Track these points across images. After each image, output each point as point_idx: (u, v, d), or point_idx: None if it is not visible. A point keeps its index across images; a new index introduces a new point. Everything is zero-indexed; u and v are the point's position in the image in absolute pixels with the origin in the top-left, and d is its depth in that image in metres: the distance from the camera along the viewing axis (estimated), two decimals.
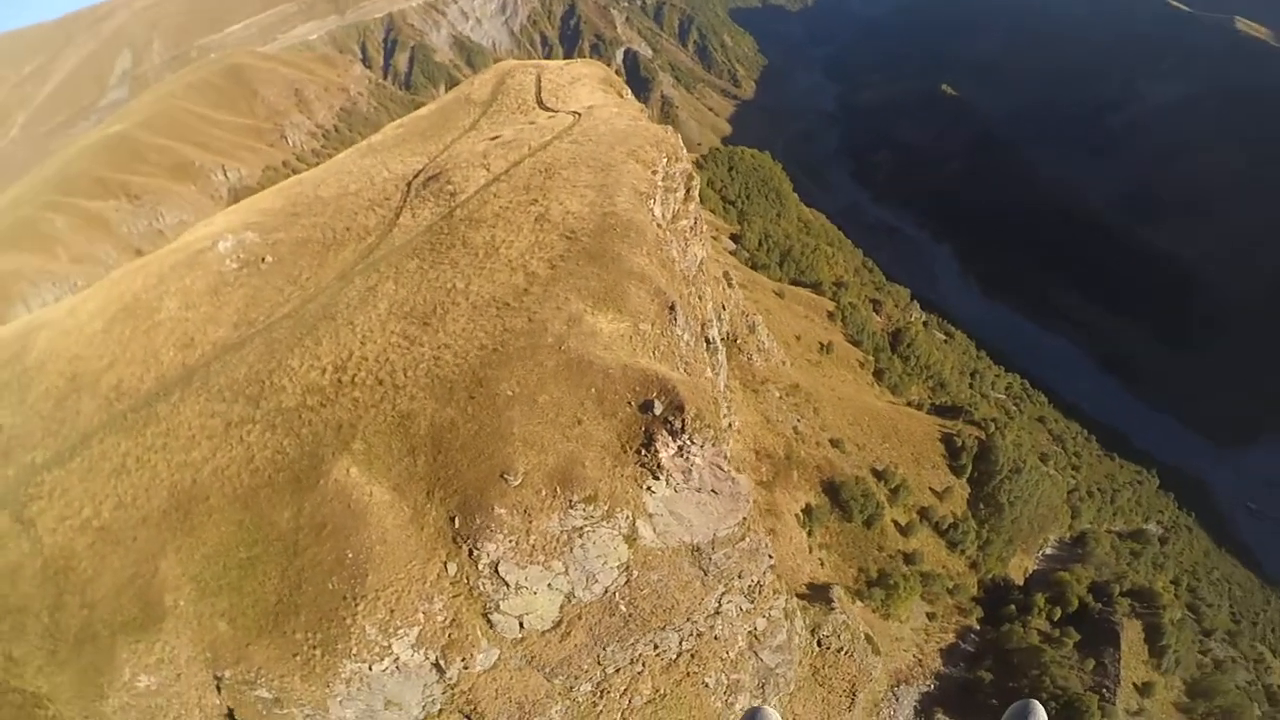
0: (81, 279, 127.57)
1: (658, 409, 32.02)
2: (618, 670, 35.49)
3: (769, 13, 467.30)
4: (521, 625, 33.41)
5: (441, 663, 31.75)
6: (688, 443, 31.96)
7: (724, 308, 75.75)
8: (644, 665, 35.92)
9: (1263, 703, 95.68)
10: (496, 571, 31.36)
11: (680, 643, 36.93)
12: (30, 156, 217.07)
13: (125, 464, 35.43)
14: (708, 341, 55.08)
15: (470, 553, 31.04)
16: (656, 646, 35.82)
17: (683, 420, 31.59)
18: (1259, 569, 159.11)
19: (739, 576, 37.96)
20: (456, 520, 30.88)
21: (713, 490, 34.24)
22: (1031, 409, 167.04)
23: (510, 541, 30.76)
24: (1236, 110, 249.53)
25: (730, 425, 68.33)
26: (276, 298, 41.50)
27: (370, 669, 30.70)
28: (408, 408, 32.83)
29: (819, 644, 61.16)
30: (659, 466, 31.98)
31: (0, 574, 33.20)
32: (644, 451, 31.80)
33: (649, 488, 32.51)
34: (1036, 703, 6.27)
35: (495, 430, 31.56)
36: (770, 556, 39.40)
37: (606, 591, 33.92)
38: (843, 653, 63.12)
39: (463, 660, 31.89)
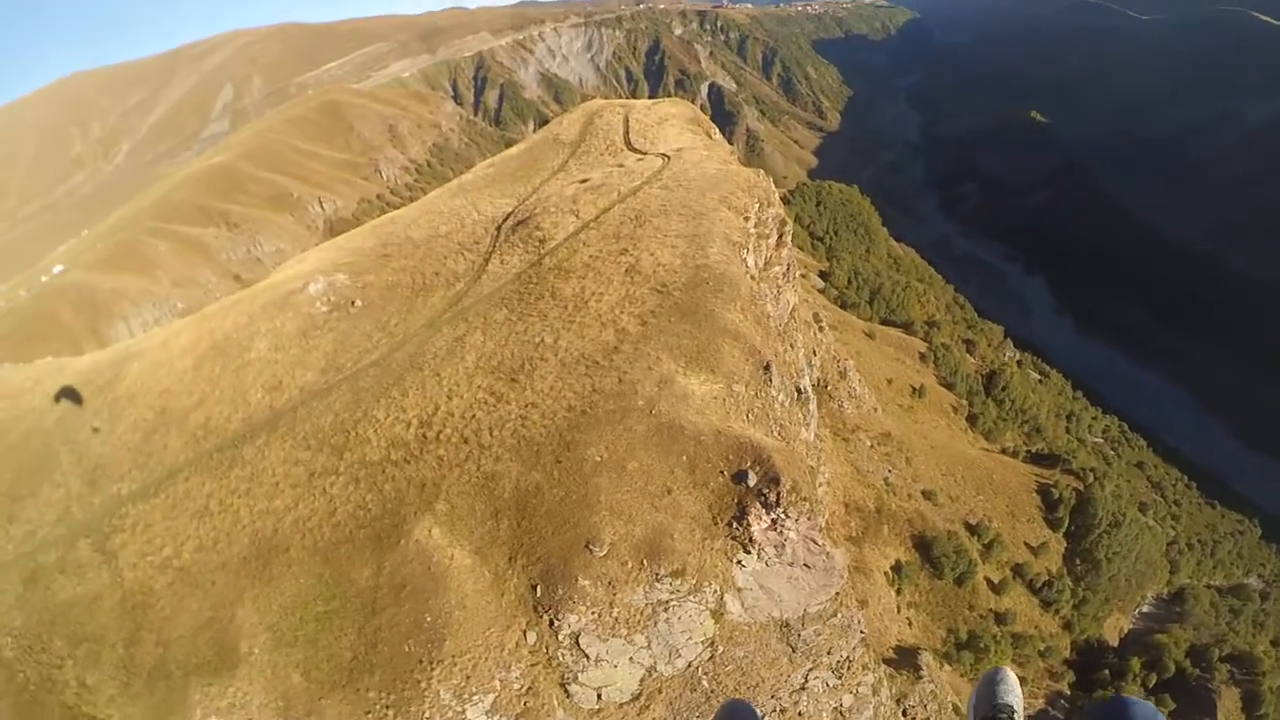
0: (181, 301, 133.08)
1: (752, 480, 30.30)
2: None
3: (852, 43, 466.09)
4: (599, 697, 31.94)
5: None
6: (782, 516, 30.14)
7: (815, 353, 73.56)
8: None
9: None
10: (577, 643, 30.00)
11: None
12: (134, 183, 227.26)
13: (208, 506, 35.43)
14: (799, 391, 53.02)
15: (551, 623, 29.75)
16: None
17: (778, 493, 29.82)
18: None
19: (828, 653, 35.74)
20: (538, 589, 29.66)
21: (805, 564, 32.28)
22: (1130, 453, 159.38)
23: (593, 614, 29.37)
24: None
25: (822, 481, 66.05)
26: (365, 343, 41.41)
27: None
28: (492, 469, 31.89)
29: (904, 713, 58.35)
30: (751, 540, 30.21)
31: (79, 602, 33.41)
32: (735, 525, 30.08)
33: (739, 561, 30.75)
34: (1007, 669, 6.18)
35: (581, 497, 30.34)
36: (862, 631, 37.05)
37: (689, 666, 32.17)
38: None
39: None
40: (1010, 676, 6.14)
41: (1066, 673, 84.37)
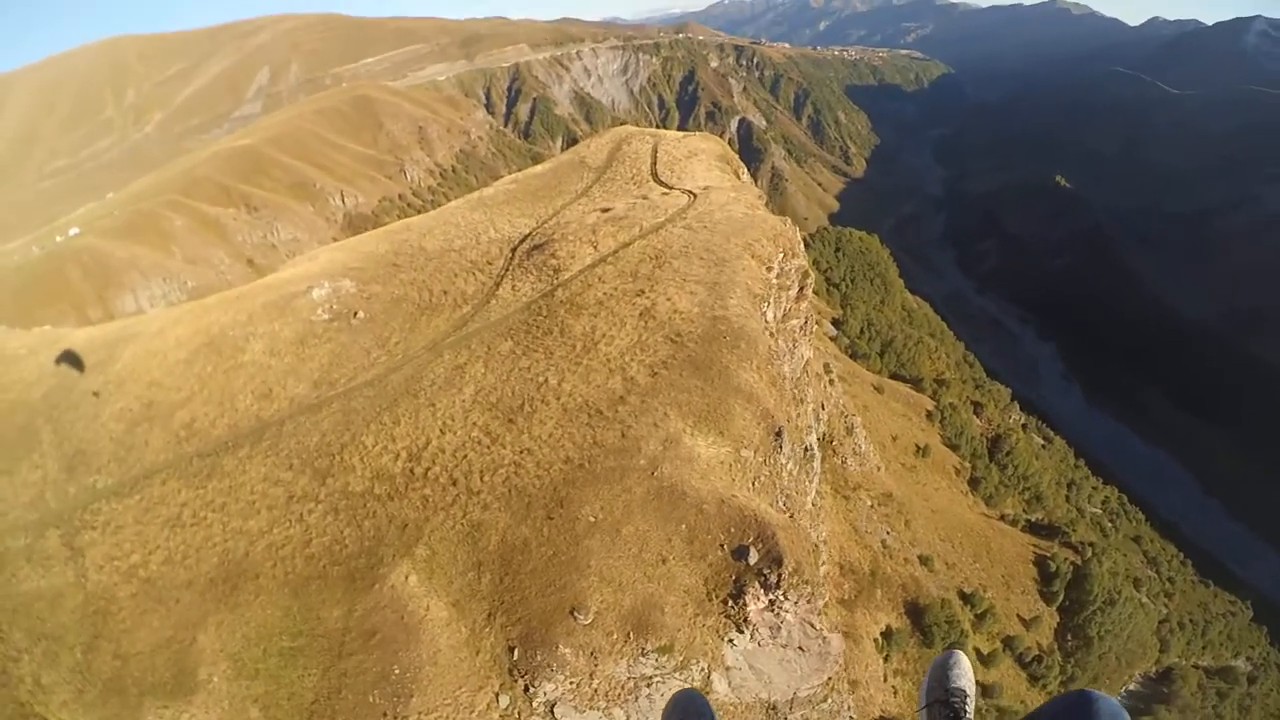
0: (192, 279, 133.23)
1: (753, 558, 28.54)
2: None
3: (884, 91, 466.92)
4: None
5: None
6: (781, 598, 28.38)
7: (823, 407, 71.89)
8: None
9: None
10: (551, 712, 28.24)
11: None
12: (161, 154, 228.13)
13: (181, 515, 34.07)
14: (805, 449, 51.34)
15: (526, 689, 27.97)
16: None
17: (779, 575, 28.04)
18: None
19: None
20: (516, 652, 27.88)
21: (800, 647, 30.52)
22: (1128, 526, 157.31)
23: (571, 683, 27.59)
24: None
25: (820, 542, 64.36)
26: (362, 359, 39.90)
27: None
28: (479, 518, 30.14)
29: None
30: (745, 620, 28.46)
31: (43, 596, 32.17)
32: (731, 603, 28.32)
33: (730, 640, 28.99)
34: (960, 653, 6.07)
35: (571, 559, 28.56)
36: (852, 711, 35.15)
37: None
38: None
39: None
40: (963, 660, 6.00)
41: None
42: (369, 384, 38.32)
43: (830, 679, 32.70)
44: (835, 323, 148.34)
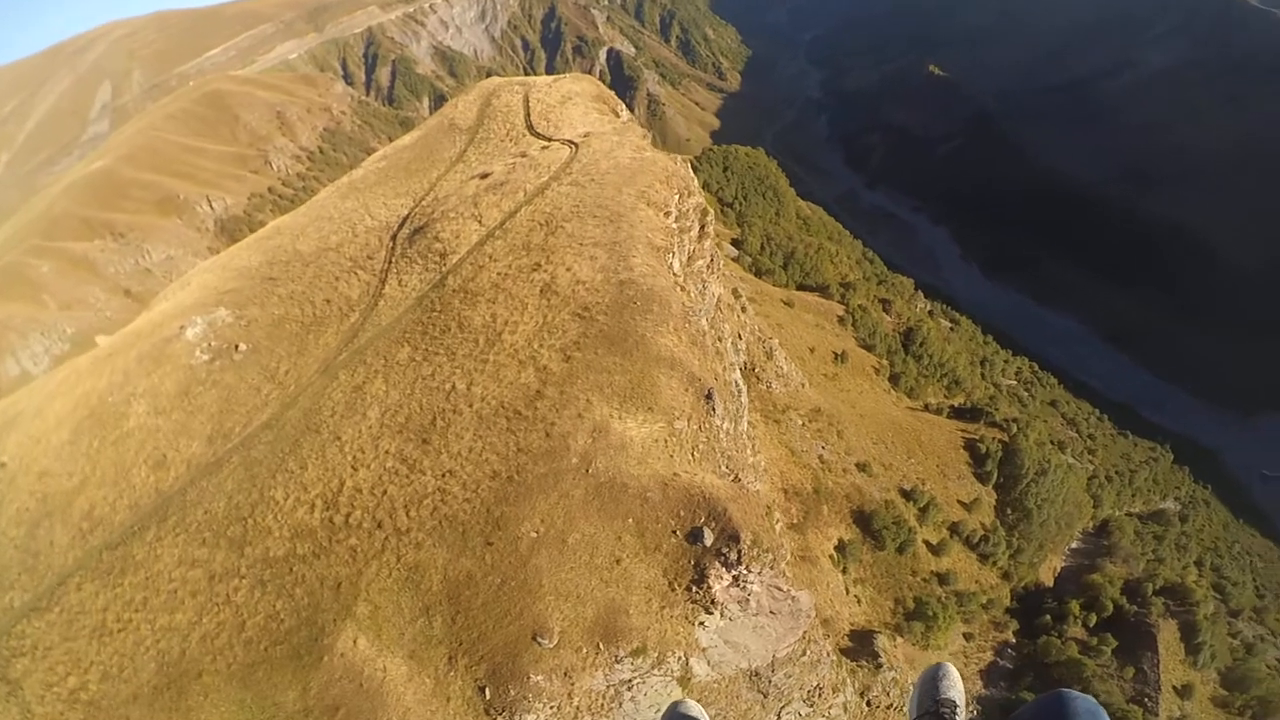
0: (70, 325, 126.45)
1: (708, 539, 27.02)
2: None
3: (750, 2, 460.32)
4: None
5: None
6: (744, 572, 27.01)
7: (740, 337, 70.85)
8: None
9: None
10: None
11: None
12: (16, 198, 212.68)
13: (105, 622, 30.85)
14: (733, 387, 50.08)
15: None
16: None
17: (739, 551, 26.63)
18: (1278, 537, 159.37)
19: (799, 688, 33.18)
20: (488, 691, 25.92)
21: (771, 612, 29.50)
22: (1043, 393, 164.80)
23: (551, 708, 25.90)
24: (1231, 76, 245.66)
25: (757, 465, 63.81)
26: (253, 399, 36.30)
27: None
28: (415, 559, 27.66)
29: (868, 704, 57.38)
30: (712, 602, 27.14)
31: None
32: (695, 588, 26.88)
33: (701, 623, 27.62)
34: (948, 664, 6.18)
35: (521, 582, 26.44)
36: (831, 656, 34.59)
37: None
38: (891, 709, 59.54)
39: None
40: (952, 672, 6.14)
41: (1010, 622, 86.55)
42: (266, 426, 34.89)
43: (805, 634, 31.84)
44: (735, 243, 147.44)
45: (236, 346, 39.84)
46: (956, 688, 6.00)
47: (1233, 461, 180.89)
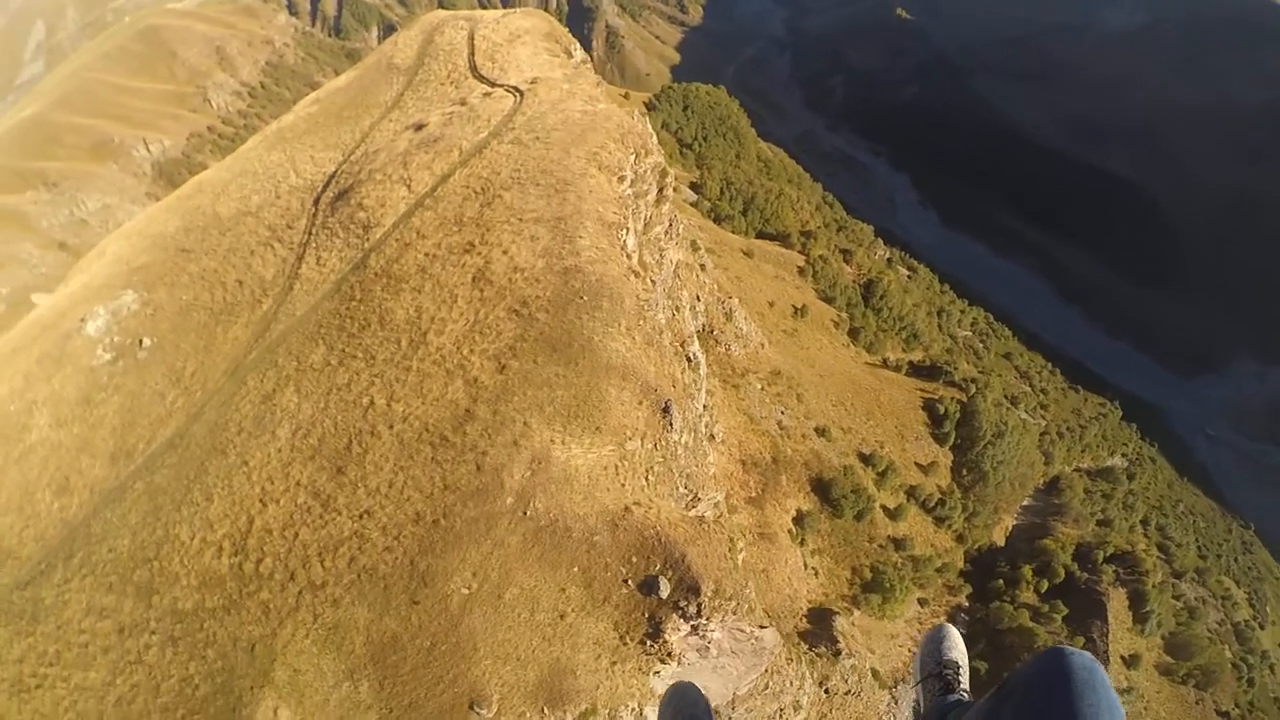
0: (4, 285, 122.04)
1: (664, 590, 23.36)
2: None
3: None
4: None
5: None
6: (704, 623, 23.55)
7: (699, 299, 66.82)
8: None
9: (1232, 643, 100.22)
10: None
11: None
12: None
13: (22, 677, 27.08)
14: (689, 360, 46.31)
15: None
16: None
17: (698, 604, 23.07)
18: (1219, 496, 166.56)
19: (764, 717, 30.36)
20: None
21: (732, 653, 26.18)
22: (998, 344, 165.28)
23: None
24: (1188, 40, 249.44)
25: (714, 436, 60.68)
26: (157, 408, 31.53)
27: None
28: (334, 618, 23.75)
29: (826, 692, 55.63)
30: (669, 654, 23.64)
31: None
32: (649, 641, 23.33)
33: (656, 672, 24.19)
34: (950, 626, 6.23)
35: (454, 646, 22.64)
36: (797, 684, 31.74)
37: None
38: (850, 694, 58.01)
39: None
40: (954, 633, 6.15)
41: (964, 586, 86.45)
42: (170, 445, 30.35)
43: (768, 668, 28.77)
44: (694, 186, 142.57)
45: (140, 342, 34.79)
46: (958, 649, 5.99)
47: (1177, 420, 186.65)
